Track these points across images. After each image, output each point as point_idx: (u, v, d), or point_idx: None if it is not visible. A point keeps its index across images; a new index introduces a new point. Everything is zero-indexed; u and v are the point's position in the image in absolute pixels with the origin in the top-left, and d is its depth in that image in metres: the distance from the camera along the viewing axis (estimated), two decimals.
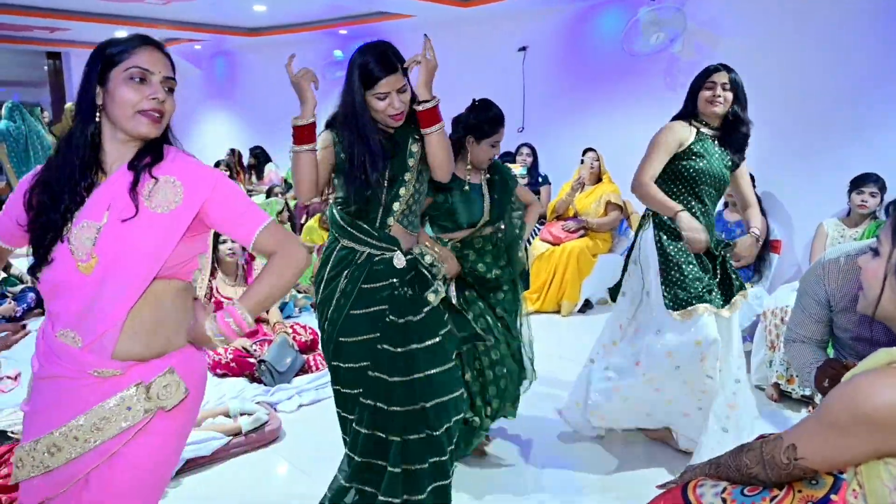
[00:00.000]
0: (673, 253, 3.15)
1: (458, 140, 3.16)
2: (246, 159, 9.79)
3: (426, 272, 2.61)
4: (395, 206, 2.55)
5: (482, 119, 3.16)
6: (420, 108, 2.51)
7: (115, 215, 1.66)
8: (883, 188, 4.43)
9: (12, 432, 3.18)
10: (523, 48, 7.36)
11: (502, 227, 3.31)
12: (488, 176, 3.29)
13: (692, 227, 3.02)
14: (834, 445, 1.36)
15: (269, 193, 7.86)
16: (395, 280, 2.53)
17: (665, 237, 3.18)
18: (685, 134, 3.14)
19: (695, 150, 3.12)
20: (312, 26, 8.87)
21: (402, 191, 2.55)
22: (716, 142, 3.18)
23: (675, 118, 3.24)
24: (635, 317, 3.35)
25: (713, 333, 3.04)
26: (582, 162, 6.24)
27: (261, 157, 9.40)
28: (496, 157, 3.27)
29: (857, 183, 4.47)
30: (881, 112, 4.86)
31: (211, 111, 12.35)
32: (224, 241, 4.59)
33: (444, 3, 6.85)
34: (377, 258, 2.53)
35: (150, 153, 1.74)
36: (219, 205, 1.75)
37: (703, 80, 3.16)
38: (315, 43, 9.44)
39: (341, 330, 2.54)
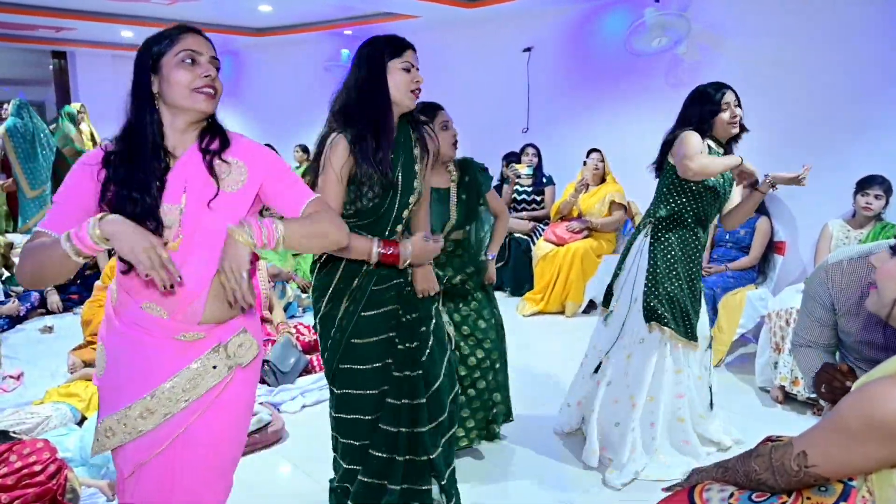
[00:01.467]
0: (661, 266, 3.22)
1: None
2: None
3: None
4: (404, 213, 2.50)
5: (421, 110, 3.07)
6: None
7: (192, 196, 1.81)
8: (888, 190, 4.42)
9: (14, 432, 3.18)
10: (528, 49, 7.35)
11: (467, 229, 3.32)
12: (456, 177, 3.28)
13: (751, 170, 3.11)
14: (846, 453, 1.35)
15: None
16: (401, 280, 2.53)
17: (658, 248, 3.24)
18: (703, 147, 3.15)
19: None
20: (317, 27, 8.88)
21: (411, 199, 2.48)
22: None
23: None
24: (625, 324, 3.38)
25: (664, 357, 3.24)
26: (585, 164, 6.22)
27: None
28: (456, 138, 3.20)
29: (863, 185, 4.45)
30: (887, 112, 4.83)
31: (217, 111, 12.34)
32: None
33: (449, 4, 6.85)
34: None
35: (216, 136, 1.89)
36: (273, 181, 1.92)
37: (716, 102, 3.15)
38: (320, 43, 9.44)
39: (353, 332, 2.49)
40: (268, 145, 7.64)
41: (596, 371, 3.44)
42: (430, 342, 2.58)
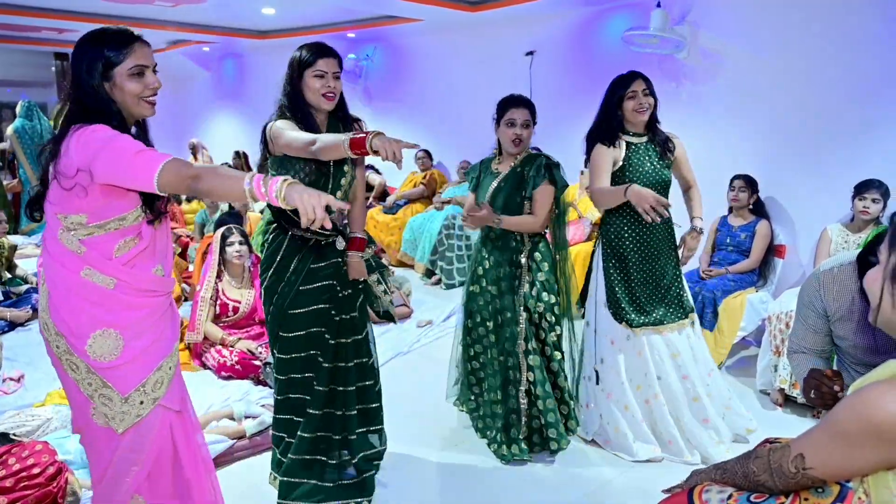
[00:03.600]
0: (612, 273, 3.35)
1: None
2: (256, 161, 9.83)
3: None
4: (338, 194, 2.85)
5: (498, 106, 3.60)
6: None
7: None
8: (886, 194, 4.42)
9: (14, 434, 3.17)
10: (531, 52, 7.35)
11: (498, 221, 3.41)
12: (518, 168, 3.48)
13: (640, 197, 2.90)
14: (842, 456, 1.36)
15: None
16: (338, 259, 2.92)
17: (606, 257, 3.39)
18: (615, 153, 3.26)
19: (626, 166, 3.24)
20: (320, 29, 8.88)
21: (343, 181, 2.81)
22: (648, 145, 3.31)
23: (594, 141, 3.37)
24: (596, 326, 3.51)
25: (656, 345, 3.36)
26: (582, 173, 6.20)
27: None
28: (518, 136, 3.51)
29: (860, 189, 4.45)
30: (887, 116, 4.82)
31: (220, 113, 12.38)
32: (231, 244, 4.59)
33: (452, 8, 6.86)
34: (323, 242, 2.89)
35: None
36: None
37: (622, 90, 3.30)
38: None
39: (291, 304, 2.86)
40: None
41: (597, 382, 3.50)
42: (363, 313, 3.02)
